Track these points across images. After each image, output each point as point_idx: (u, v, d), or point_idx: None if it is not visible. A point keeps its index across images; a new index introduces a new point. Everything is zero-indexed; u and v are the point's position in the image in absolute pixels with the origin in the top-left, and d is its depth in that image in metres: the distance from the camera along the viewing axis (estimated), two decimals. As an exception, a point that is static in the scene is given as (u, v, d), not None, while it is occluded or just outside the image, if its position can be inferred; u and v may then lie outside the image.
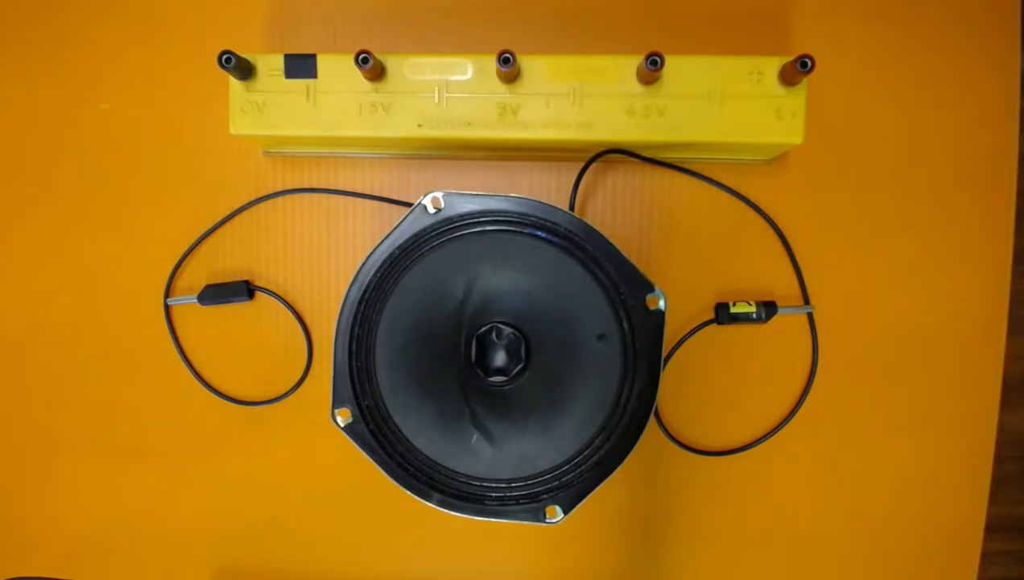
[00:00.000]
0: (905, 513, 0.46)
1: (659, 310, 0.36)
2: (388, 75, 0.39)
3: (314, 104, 0.39)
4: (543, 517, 0.37)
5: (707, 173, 0.45)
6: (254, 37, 0.45)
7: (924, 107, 0.45)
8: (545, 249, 0.36)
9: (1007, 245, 0.45)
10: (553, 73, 0.39)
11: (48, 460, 0.48)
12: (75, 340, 0.47)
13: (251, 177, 0.46)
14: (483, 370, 0.39)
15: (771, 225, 0.45)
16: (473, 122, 0.39)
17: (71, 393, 0.48)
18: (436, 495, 0.37)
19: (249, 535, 0.48)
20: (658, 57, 0.35)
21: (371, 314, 0.37)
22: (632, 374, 0.37)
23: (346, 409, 0.37)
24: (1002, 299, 0.45)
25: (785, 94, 0.38)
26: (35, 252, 0.47)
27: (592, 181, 0.45)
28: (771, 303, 0.44)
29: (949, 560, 0.46)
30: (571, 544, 0.47)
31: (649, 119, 0.39)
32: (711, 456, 0.46)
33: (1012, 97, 0.44)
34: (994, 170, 0.45)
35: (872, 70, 0.45)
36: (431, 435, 0.37)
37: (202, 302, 0.46)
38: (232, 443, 0.47)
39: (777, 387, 0.46)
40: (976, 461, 0.46)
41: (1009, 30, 0.44)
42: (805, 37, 0.44)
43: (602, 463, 0.37)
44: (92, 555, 0.48)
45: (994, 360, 0.45)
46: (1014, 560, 0.52)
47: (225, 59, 0.37)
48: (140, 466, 0.48)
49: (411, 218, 0.36)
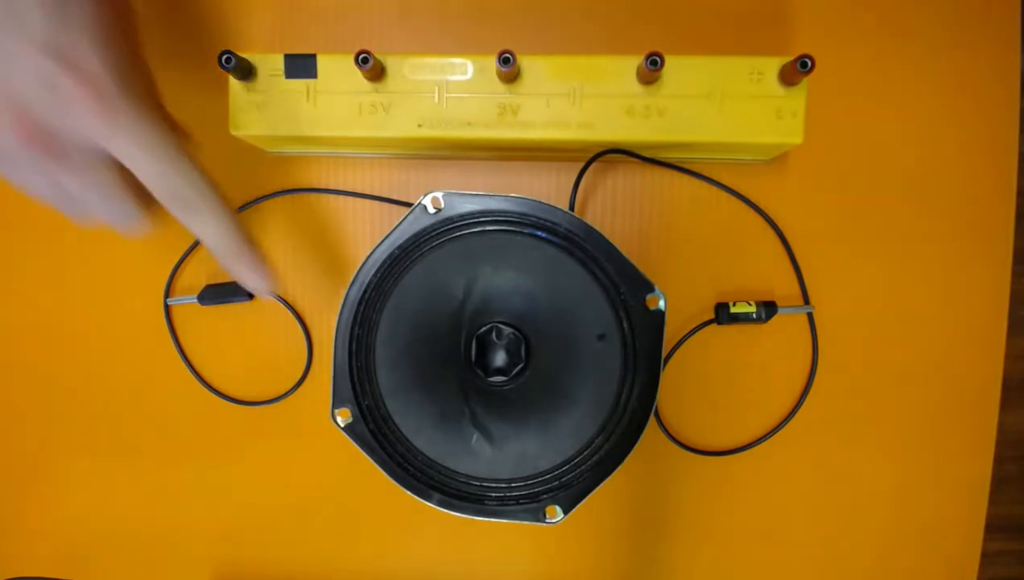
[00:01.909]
0: (905, 513, 0.46)
1: (659, 310, 0.36)
2: (388, 75, 0.39)
3: (314, 104, 0.39)
4: (543, 517, 0.37)
5: (707, 173, 0.45)
6: (254, 37, 0.45)
7: (924, 107, 0.45)
8: (545, 249, 0.36)
9: (1007, 245, 0.45)
10: (553, 73, 0.39)
11: (48, 460, 0.48)
12: (75, 340, 0.47)
13: (251, 177, 0.46)
14: (483, 370, 0.39)
15: (771, 225, 0.45)
16: (473, 122, 0.39)
17: (71, 393, 0.48)
18: (436, 495, 0.37)
19: (249, 535, 0.48)
20: (658, 57, 0.35)
21: (371, 314, 0.37)
22: (632, 374, 0.37)
23: (346, 409, 0.37)
24: (1002, 299, 0.45)
25: (785, 94, 0.38)
26: (35, 252, 0.47)
27: (592, 181, 0.45)
28: (771, 303, 0.44)
29: (949, 560, 0.46)
30: (571, 544, 0.47)
31: (649, 119, 0.39)
32: (711, 456, 0.46)
33: (1012, 97, 0.44)
34: (994, 170, 0.45)
35: (872, 70, 0.45)
36: (431, 435, 0.37)
37: (202, 302, 0.46)
38: (232, 443, 0.47)
39: (777, 387, 0.46)
40: (976, 461, 0.46)
41: (1009, 30, 0.44)
42: (805, 37, 0.44)
43: (602, 463, 0.37)
44: (92, 555, 0.48)
45: (994, 360, 0.45)
46: (1014, 560, 0.52)
47: (225, 59, 0.37)
48: (140, 466, 0.48)
49: (411, 218, 0.36)
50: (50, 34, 0.25)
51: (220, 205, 0.31)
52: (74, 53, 0.26)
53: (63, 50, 0.25)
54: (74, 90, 0.26)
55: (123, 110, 0.27)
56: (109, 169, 0.29)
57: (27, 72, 0.25)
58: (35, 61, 0.25)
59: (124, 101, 0.27)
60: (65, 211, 0.31)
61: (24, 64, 0.25)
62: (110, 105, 0.26)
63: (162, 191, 0.29)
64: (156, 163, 0.28)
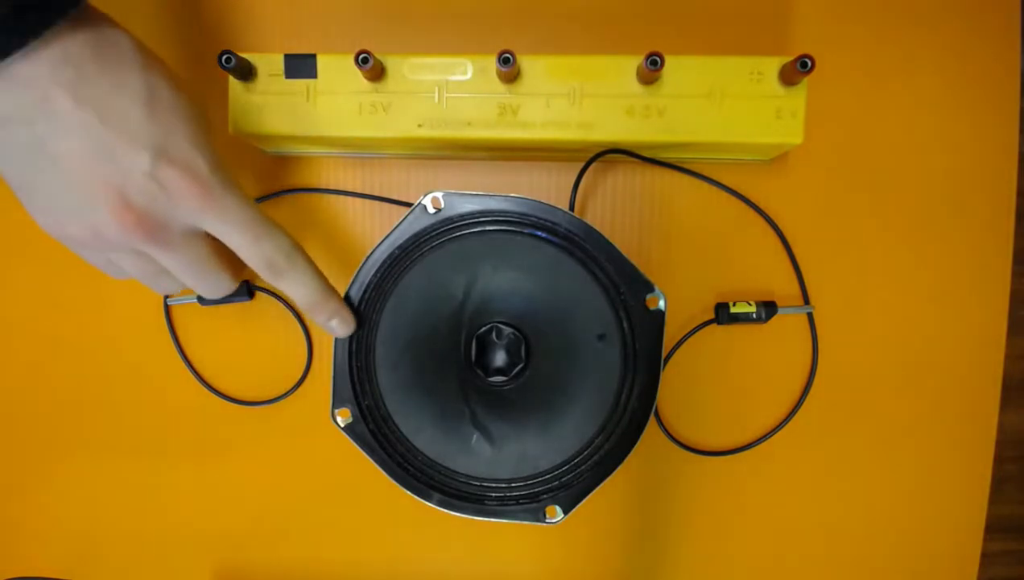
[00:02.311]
0: (905, 513, 0.46)
1: (659, 310, 0.37)
2: (388, 75, 0.39)
3: (314, 104, 0.39)
4: (543, 517, 0.37)
5: (707, 173, 0.45)
6: (254, 37, 0.45)
7: (924, 107, 0.45)
8: (545, 249, 0.36)
9: (1007, 245, 0.45)
10: (553, 73, 0.39)
11: (48, 460, 0.48)
12: (75, 340, 0.47)
13: (251, 177, 0.46)
14: (483, 370, 0.39)
15: (771, 225, 0.45)
16: (473, 122, 0.39)
17: (71, 393, 0.48)
18: (436, 495, 0.37)
19: (249, 535, 0.48)
20: (658, 57, 0.35)
21: (371, 314, 0.37)
22: (632, 374, 0.37)
23: (346, 409, 0.37)
24: (1002, 299, 0.45)
25: (785, 94, 0.38)
26: (35, 253, 0.47)
27: (592, 181, 0.45)
28: (771, 303, 0.44)
29: (949, 560, 0.46)
30: (571, 544, 0.47)
31: (649, 119, 0.39)
32: (711, 456, 0.46)
33: (1012, 97, 0.44)
34: (994, 170, 0.45)
35: (872, 70, 0.45)
36: (431, 435, 0.37)
37: (202, 302, 0.46)
38: (232, 443, 0.47)
39: (777, 387, 0.46)
40: (976, 461, 0.46)
41: (1009, 30, 0.44)
42: (805, 37, 0.44)
43: (602, 463, 0.37)
44: (92, 555, 0.48)
45: (994, 360, 0.45)
46: (1014, 560, 0.52)
47: (225, 59, 0.37)
48: (140, 466, 0.48)
49: (411, 218, 0.36)
50: (155, 137, 0.30)
51: (306, 266, 0.35)
52: (176, 150, 0.30)
53: (167, 149, 0.30)
54: (179, 181, 0.30)
55: (219, 195, 0.31)
56: (205, 245, 0.33)
57: (134, 168, 0.29)
58: (143, 159, 0.29)
59: (220, 187, 0.31)
60: (153, 286, 0.35)
61: (132, 161, 0.29)
62: (209, 192, 0.31)
63: (255, 259, 0.33)
64: (249, 234, 0.32)
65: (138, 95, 0.29)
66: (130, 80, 0.29)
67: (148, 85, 0.30)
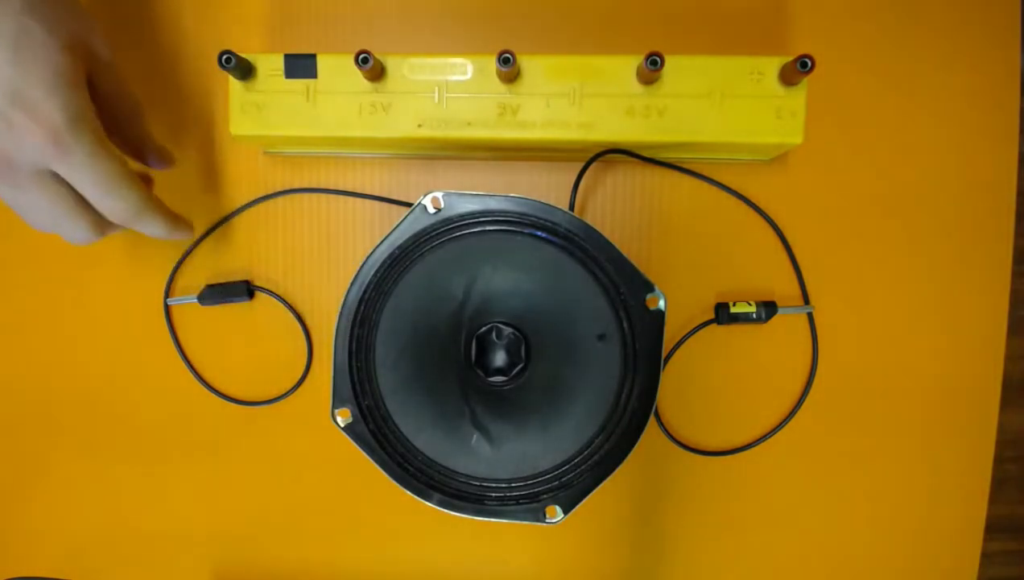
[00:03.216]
0: (905, 513, 0.46)
1: (659, 310, 0.36)
2: (388, 75, 0.39)
3: (314, 104, 0.39)
4: (543, 517, 0.37)
5: (707, 173, 0.45)
6: (254, 37, 0.45)
7: (924, 107, 0.45)
8: (545, 249, 0.36)
9: (1007, 245, 0.45)
10: (553, 73, 0.39)
11: (48, 460, 0.48)
12: (75, 340, 0.47)
13: (251, 177, 0.46)
14: (483, 370, 0.39)
15: (771, 225, 0.45)
16: (473, 122, 0.39)
17: (71, 393, 0.48)
18: (436, 495, 0.37)
19: (249, 535, 0.48)
20: (658, 57, 0.35)
21: (371, 314, 0.37)
22: (632, 374, 0.37)
23: (346, 409, 0.37)
24: (1002, 299, 0.45)
25: (785, 94, 0.38)
26: (36, 253, 0.47)
27: (592, 181, 0.45)
28: (771, 303, 0.44)
29: (949, 560, 0.46)
30: (571, 544, 0.47)
31: (649, 119, 0.39)
32: (711, 456, 0.46)
33: (1012, 97, 0.44)
34: (994, 170, 0.45)
35: (872, 70, 0.45)
36: (431, 435, 0.37)
37: (202, 302, 0.46)
38: (232, 443, 0.47)
39: (777, 387, 0.46)
40: (976, 461, 0.46)
41: (1009, 30, 0.44)
42: (805, 37, 0.44)
43: (602, 463, 0.37)
44: (92, 555, 0.48)
45: (994, 360, 0.45)
46: (1014, 560, 0.52)
47: (225, 59, 0.37)
48: (140, 466, 0.48)
49: (411, 218, 0.36)
50: (12, 81, 0.31)
51: (154, 218, 0.37)
52: (31, 95, 0.32)
53: (21, 92, 0.31)
54: (26, 124, 0.32)
55: (68, 144, 0.33)
56: (56, 188, 0.34)
57: None
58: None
59: (70, 136, 0.32)
60: (26, 221, 0.36)
61: None
62: (58, 140, 0.32)
63: (104, 212, 0.35)
64: (99, 188, 0.34)
65: (6, 38, 0.31)
66: (2, 22, 0.31)
67: (21, 28, 0.31)
